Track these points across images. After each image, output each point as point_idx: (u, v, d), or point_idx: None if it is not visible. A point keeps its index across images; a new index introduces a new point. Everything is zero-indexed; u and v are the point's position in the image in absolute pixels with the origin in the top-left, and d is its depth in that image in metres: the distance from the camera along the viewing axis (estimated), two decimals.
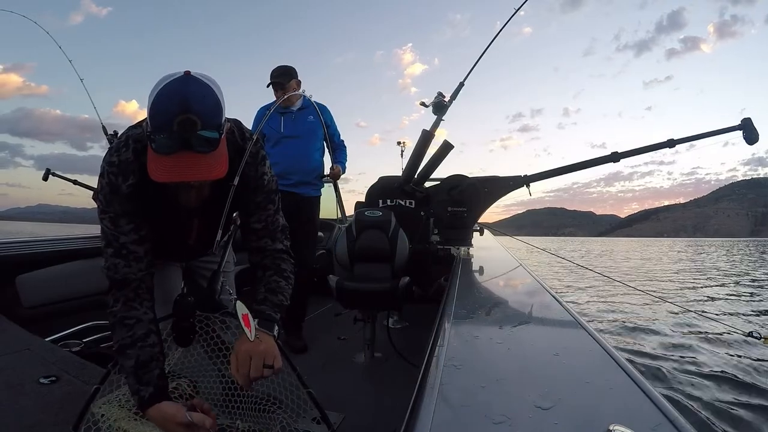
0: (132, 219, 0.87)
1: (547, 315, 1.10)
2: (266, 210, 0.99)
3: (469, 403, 0.53)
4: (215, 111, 0.74)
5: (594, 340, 0.78)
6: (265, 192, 0.98)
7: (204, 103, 0.72)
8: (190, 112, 0.70)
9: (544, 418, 0.48)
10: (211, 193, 0.92)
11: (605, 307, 6.48)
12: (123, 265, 0.87)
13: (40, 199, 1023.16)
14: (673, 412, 0.49)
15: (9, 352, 1.32)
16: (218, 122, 0.74)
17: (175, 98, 0.71)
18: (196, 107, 0.70)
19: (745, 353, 3.91)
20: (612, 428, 0.44)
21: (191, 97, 0.71)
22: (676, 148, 2.55)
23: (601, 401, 0.55)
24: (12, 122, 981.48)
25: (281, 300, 0.96)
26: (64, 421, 0.95)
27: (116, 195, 0.84)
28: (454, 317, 0.97)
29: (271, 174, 1.00)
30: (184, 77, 0.73)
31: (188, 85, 0.72)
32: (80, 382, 1.15)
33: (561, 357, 0.71)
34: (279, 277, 0.98)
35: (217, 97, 0.74)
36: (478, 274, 1.78)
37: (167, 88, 0.72)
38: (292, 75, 2.29)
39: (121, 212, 0.86)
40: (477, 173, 10.42)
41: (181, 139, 0.70)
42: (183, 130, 0.70)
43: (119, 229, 0.86)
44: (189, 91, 0.71)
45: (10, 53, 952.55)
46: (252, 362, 0.82)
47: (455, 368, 0.64)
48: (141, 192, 0.85)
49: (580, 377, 0.63)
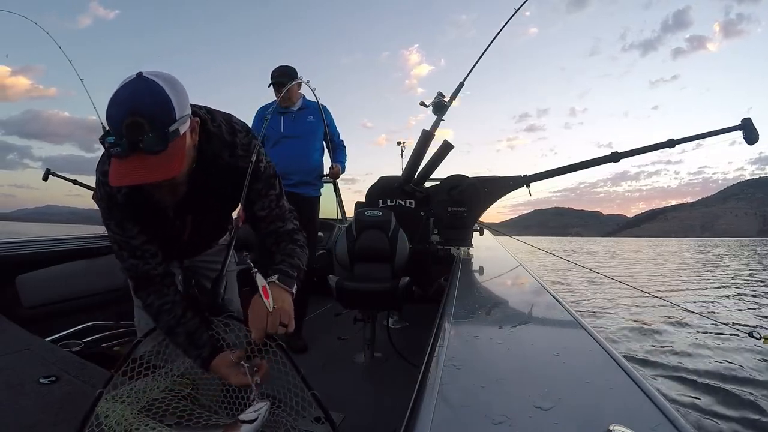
0: (135, 221, 0.92)
1: (547, 315, 1.10)
2: (268, 196, 1.00)
3: (469, 403, 0.53)
4: (165, 110, 0.73)
5: (594, 340, 0.78)
6: (263, 179, 0.98)
7: (151, 103, 0.72)
8: (136, 114, 0.70)
9: (544, 418, 0.48)
10: (199, 188, 0.92)
11: (605, 307, 6.49)
12: (142, 264, 0.94)
13: (48, 200, 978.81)
14: (673, 412, 0.49)
15: (9, 352, 1.32)
16: (168, 121, 0.73)
17: (123, 102, 0.71)
18: (142, 109, 0.70)
19: (745, 353, 3.91)
20: (612, 428, 0.44)
21: (138, 100, 0.71)
22: (682, 147, 2.56)
23: (601, 401, 0.55)
24: (20, 124, 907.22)
25: (298, 263, 0.97)
26: (64, 421, 0.96)
27: (114, 203, 0.89)
28: (454, 317, 0.97)
29: (267, 161, 1.00)
30: (135, 79, 0.73)
31: (136, 88, 0.72)
32: (80, 382, 1.15)
33: (561, 357, 0.71)
34: (294, 245, 1.01)
35: (167, 96, 0.73)
36: (478, 274, 1.78)
37: (117, 93, 0.72)
38: (293, 76, 2.29)
39: (123, 217, 0.90)
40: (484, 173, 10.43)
41: (130, 142, 0.70)
42: (131, 133, 0.70)
43: (127, 233, 0.92)
44: (136, 94, 0.71)
45: (20, 56, 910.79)
46: (269, 319, 0.83)
47: (455, 368, 0.64)
48: (136, 195, 0.88)
49: (580, 377, 0.63)
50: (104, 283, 2.12)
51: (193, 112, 0.83)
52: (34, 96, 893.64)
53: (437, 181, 2.85)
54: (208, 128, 0.89)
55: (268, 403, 0.82)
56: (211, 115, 0.92)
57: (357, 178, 52.66)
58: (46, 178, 2.38)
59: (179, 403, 0.92)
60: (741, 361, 3.70)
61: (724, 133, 2.50)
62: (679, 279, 11.22)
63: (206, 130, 0.88)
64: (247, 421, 0.78)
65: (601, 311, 6.19)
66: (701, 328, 4.90)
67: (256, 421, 0.78)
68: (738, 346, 4.11)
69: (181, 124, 0.76)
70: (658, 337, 4.63)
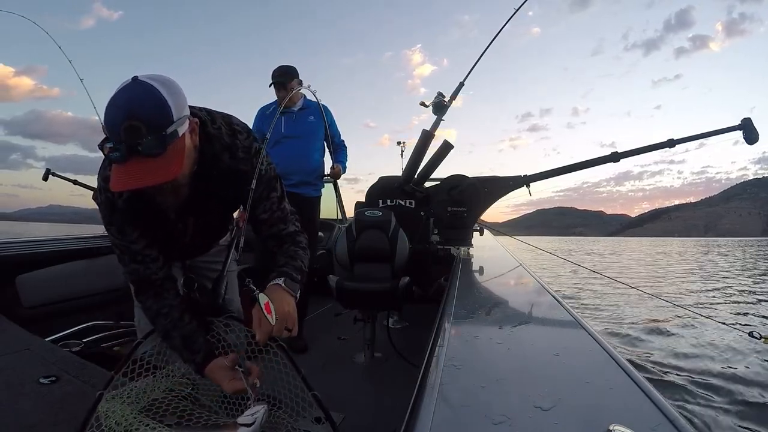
0: (136, 226, 0.92)
1: (547, 315, 1.10)
2: (269, 199, 1.00)
3: (469, 403, 0.53)
4: (161, 112, 0.73)
5: (594, 340, 0.78)
6: (264, 182, 0.98)
7: (147, 106, 0.72)
8: (133, 118, 0.70)
9: (544, 418, 0.48)
10: (201, 190, 0.92)
11: (605, 306, 6.49)
12: (143, 269, 0.94)
13: (51, 200, 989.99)
14: (673, 412, 0.49)
15: (9, 352, 1.32)
16: (165, 123, 0.73)
17: (120, 107, 0.71)
18: (139, 113, 0.70)
19: (745, 353, 3.91)
20: (612, 428, 0.44)
21: (134, 104, 0.71)
22: (685, 146, 2.56)
23: (601, 401, 0.55)
24: (24, 124, 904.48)
25: (301, 265, 0.98)
26: (64, 421, 0.96)
27: (115, 209, 0.89)
28: (454, 317, 0.97)
29: (268, 162, 1.00)
30: (131, 84, 0.73)
31: (132, 92, 0.72)
32: (80, 382, 1.15)
33: (561, 357, 0.71)
34: (296, 248, 1.01)
35: (163, 98, 0.73)
36: (478, 274, 1.78)
37: (113, 98, 0.73)
38: (294, 75, 2.29)
39: (123, 223, 0.91)
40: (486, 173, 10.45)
41: (128, 146, 0.71)
42: (128, 137, 0.70)
43: (127, 239, 0.92)
44: (132, 98, 0.72)
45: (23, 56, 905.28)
46: (276, 326, 0.84)
47: (455, 368, 0.64)
48: (136, 201, 0.89)
49: (580, 377, 0.63)
50: (104, 283, 2.12)
51: (193, 113, 0.83)
52: (37, 96, 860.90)
53: (437, 181, 2.85)
54: (208, 130, 0.89)
55: (266, 407, 0.83)
56: (211, 116, 0.91)
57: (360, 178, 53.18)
58: (46, 178, 2.38)
59: (179, 404, 0.92)
60: (741, 360, 3.70)
61: (724, 133, 2.51)
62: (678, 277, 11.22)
63: (206, 132, 0.88)
64: (245, 425, 0.78)
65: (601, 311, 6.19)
66: (701, 327, 4.90)
67: (253, 424, 0.78)
68: (738, 346, 4.10)
69: (179, 125, 0.76)
70: (659, 336, 4.63)
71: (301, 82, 2.34)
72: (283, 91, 2.28)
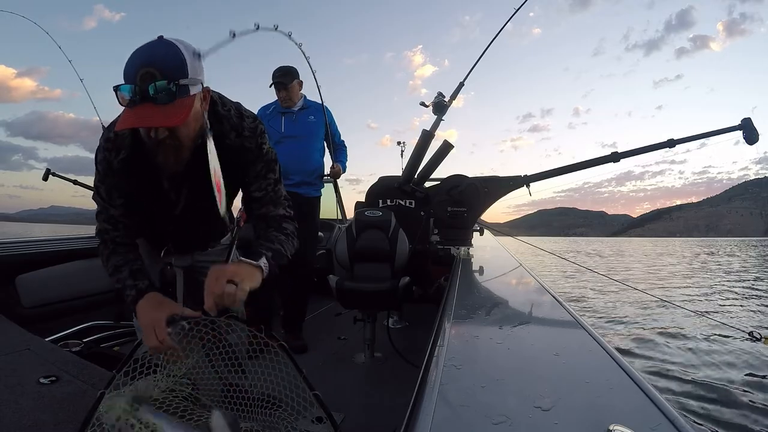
0: (122, 193, 0.95)
1: (547, 315, 1.10)
2: (266, 179, 1.01)
3: (469, 403, 0.53)
4: (177, 65, 0.77)
5: (594, 340, 0.78)
6: (264, 161, 1.00)
7: (166, 58, 0.76)
8: (150, 66, 0.75)
9: (544, 418, 0.48)
10: (201, 162, 0.91)
11: (604, 306, 6.49)
12: (112, 229, 0.98)
13: (53, 201, 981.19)
14: (673, 412, 0.49)
15: (9, 352, 1.32)
16: (179, 75, 0.77)
17: (141, 55, 0.77)
18: (156, 61, 0.75)
19: (745, 353, 3.91)
20: (612, 428, 0.44)
21: (155, 54, 0.76)
22: (687, 146, 2.56)
23: (601, 401, 0.55)
24: (26, 125, 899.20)
25: (278, 248, 0.96)
26: (64, 421, 0.96)
27: (110, 170, 0.92)
28: (454, 317, 0.97)
29: (269, 146, 1.03)
30: (155, 40, 0.78)
31: (155, 46, 0.78)
32: (80, 382, 1.15)
33: (561, 357, 0.71)
34: (279, 233, 1.00)
35: (182, 54, 0.78)
36: (478, 274, 1.77)
37: (137, 49, 0.78)
38: (295, 75, 2.29)
39: (112, 187, 0.94)
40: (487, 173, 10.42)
41: (141, 90, 0.75)
42: (143, 82, 0.74)
43: (111, 202, 0.96)
44: (153, 49, 0.77)
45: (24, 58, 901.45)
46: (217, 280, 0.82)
47: (455, 368, 0.64)
48: (132, 165, 0.91)
49: (580, 377, 0.63)
50: (104, 283, 2.12)
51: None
52: (39, 97, 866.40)
53: (437, 181, 2.85)
54: (218, 110, 0.93)
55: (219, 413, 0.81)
56: (222, 100, 0.96)
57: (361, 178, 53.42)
58: (45, 178, 2.38)
59: (180, 403, 0.92)
60: (741, 361, 3.70)
61: (724, 134, 2.51)
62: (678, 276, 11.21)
63: (215, 110, 0.92)
64: None
65: (601, 311, 6.19)
66: (701, 328, 4.90)
67: None
68: (738, 346, 4.11)
69: (192, 84, 0.80)
70: (659, 337, 4.63)
71: (301, 83, 2.34)
72: (284, 92, 2.28)
